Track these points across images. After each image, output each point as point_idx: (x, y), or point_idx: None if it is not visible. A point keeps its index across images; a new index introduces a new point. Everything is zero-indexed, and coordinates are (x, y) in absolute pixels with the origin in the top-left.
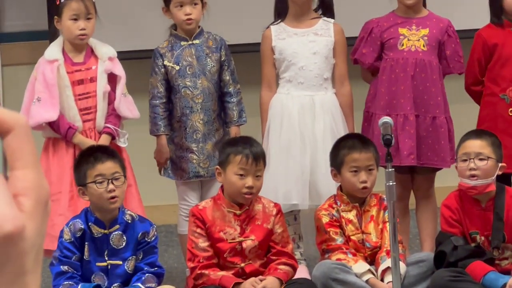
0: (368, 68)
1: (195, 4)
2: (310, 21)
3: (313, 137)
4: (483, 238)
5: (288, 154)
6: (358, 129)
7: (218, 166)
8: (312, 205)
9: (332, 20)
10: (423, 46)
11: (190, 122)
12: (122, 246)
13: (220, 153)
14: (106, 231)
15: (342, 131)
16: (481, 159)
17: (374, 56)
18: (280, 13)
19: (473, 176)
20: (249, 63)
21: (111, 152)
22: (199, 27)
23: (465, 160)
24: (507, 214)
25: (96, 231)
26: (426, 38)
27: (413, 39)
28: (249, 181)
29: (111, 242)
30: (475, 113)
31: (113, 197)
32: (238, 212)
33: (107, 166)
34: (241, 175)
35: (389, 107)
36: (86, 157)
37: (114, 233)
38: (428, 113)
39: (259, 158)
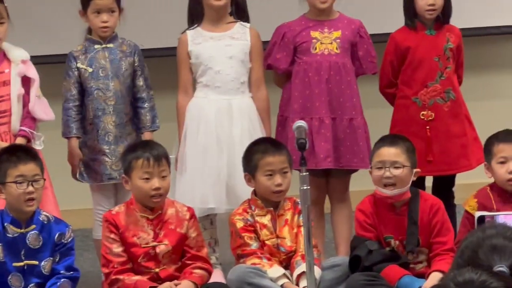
0: (281, 74)
1: (113, 11)
2: (227, 25)
3: (230, 141)
4: (397, 242)
5: (205, 158)
6: (274, 134)
7: (123, 175)
8: (229, 209)
9: (248, 25)
10: (336, 48)
11: (102, 124)
12: (38, 246)
13: (122, 161)
14: (22, 230)
15: (260, 135)
16: (396, 167)
17: (288, 61)
18: (194, 17)
19: (389, 184)
20: (165, 68)
21: (33, 154)
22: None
23: (380, 168)
24: (421, 218)
25: (12, 231)
26: (338, 40)
27: (326, 42)
28: (155, 182)
29: (27, 242)
30: (389, 116)
31: (30, 199)
32: (151, 216)
33: (29, 168)
34: (146, 178)
35: (303, 110)
36: (8, 156)
37: (30, 232)
38: (345, 115)
39: (161, 158)
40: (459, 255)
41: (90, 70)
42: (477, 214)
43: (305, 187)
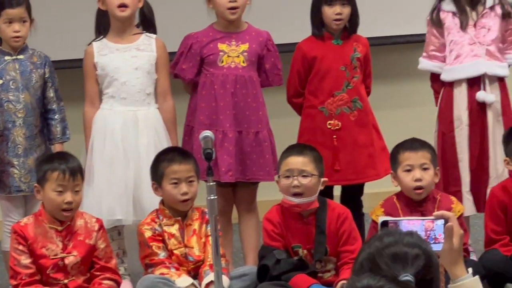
0: (188, 83)
1: (24, 21)
2: (132, 36)
3: (137, 152)
4: (305, 251)
5: (112, 170)
6: (181, 143)
7: (36, 184)
8: (136, 220)
9: (155, 36)
10: (243, 62)
11: (12, 136)
12: None
13: (37, 170)
14: None
15: (165, 146)
16: (304, 176)
17: (194, 72)
18: (101, 29)
19: (297, 194)
20: (73, 79)
21: None
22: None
23: (288, 177)
24: (329, 228)
25: None
26: (246, 54)
27: (233, 55)
28: (68, 196)
29: None
30: (296, 126)
31: None
32: (59, 228)
33: None
34: (59, 191)
35: (209, 122)
36: None
37: None
38: (251, 128)
39: (76, 173)
40: (358, 268)
41: (0, 82)
42: (381, 219)
43: (212, 197)
